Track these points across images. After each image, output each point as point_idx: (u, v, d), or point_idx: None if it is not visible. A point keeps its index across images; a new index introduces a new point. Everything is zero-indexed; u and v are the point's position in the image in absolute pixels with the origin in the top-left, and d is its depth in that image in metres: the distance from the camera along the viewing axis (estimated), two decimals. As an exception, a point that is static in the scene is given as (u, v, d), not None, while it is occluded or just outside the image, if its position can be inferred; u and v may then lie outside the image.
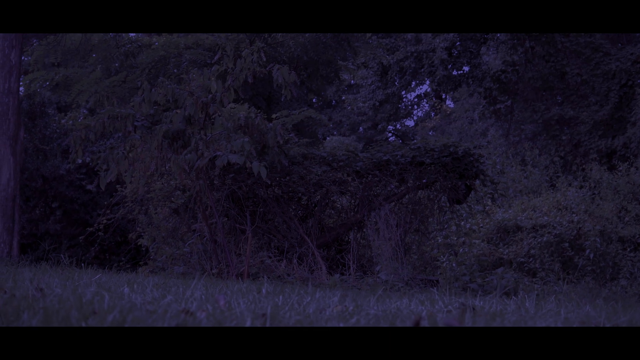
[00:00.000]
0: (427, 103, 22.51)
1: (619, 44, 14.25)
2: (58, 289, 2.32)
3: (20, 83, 8.17)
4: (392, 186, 7.90)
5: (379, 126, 18.68)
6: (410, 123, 22.62)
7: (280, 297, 2.36)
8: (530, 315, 2.06)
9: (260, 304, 2.13)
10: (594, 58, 13.61)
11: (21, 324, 1.33)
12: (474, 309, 2.45)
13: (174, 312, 1.70)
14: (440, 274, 7.84)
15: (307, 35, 8.68)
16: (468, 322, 1.73)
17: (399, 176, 7.91)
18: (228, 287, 3.03)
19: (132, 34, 9.12)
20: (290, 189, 7.62)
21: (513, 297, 3.72)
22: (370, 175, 7.87)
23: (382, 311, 2.15)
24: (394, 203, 7.84)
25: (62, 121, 9.34)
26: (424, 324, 1.56)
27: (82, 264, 6.68)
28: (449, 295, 3.79)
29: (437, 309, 2.36)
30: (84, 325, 1.30)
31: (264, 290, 2.61)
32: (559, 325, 1.75)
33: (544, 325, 1.66)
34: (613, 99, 13.15)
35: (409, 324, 1.53)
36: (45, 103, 9.25)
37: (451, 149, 8.02)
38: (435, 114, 21.99)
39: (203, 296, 2.50)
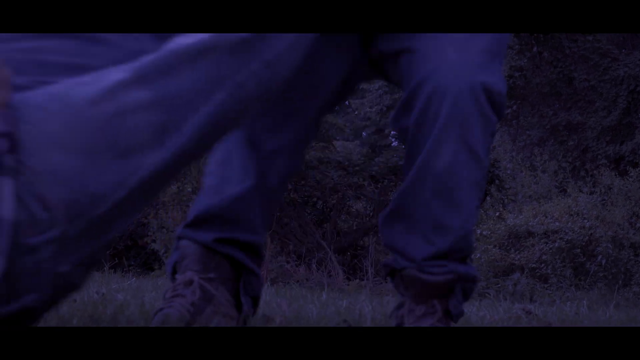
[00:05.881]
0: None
1: (623, 50, 14.25)
2: (119, 294, 2.28)
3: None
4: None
5: (386, 131, 18.64)
6: (413, 128, 22.62)
7: (344, 301, 2.32)
8: (603, 318, 2.03)
9: (327, 310, 2.09)
10: (602, 64, 13.59)
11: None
12: (529, 313, 2.41)
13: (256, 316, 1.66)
14: (451, 279, 7.79)
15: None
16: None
17: (414, 181, 7.87)
18: (278, 293, 2.99)
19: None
20: (305, 193, 7.59)
21: (568, 302, 3.70)
22: (385, 180, 7.83)
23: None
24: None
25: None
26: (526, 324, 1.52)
27: (103, 269, 6.63)
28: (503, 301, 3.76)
29: (501, 316, 2.32)
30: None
31: (324, 296, 2.58)
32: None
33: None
34: (621, 105, 13.12)
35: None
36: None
37: (467, 154, 7.98)
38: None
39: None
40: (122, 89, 1.07)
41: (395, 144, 23.43)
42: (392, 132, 22.71)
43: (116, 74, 1.08)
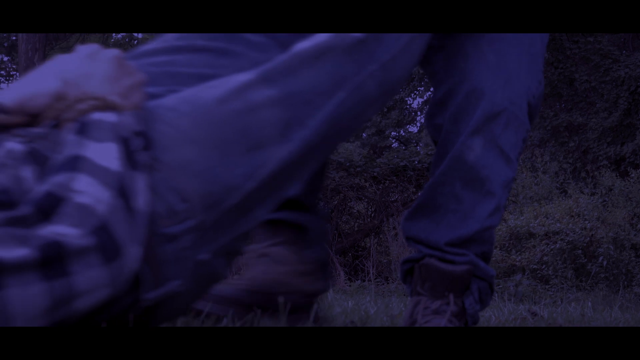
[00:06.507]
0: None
1: (624, 51, 14.25)
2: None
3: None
4: (409, 192, 7.86)
5: (386, 132, 18.64)
6: (413, 129, 22.62)
7: (349, 302, 2.32)
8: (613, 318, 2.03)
9: (333, 311, 2.08)
10: (602, 65, 13.59)
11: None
12: (535, 314, 2.41)
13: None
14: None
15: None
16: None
17: (416, 182, 7.88)
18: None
19: (147, 39, 9.10)
20: (307, 194, 7.57)
21: (572, 304, 3.70)
22: (387, 181, 7.82)
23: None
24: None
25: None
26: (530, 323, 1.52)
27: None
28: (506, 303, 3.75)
29: (506, 317, 2.32)
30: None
31: (329, 297, 2.58)
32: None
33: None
34: (622, 106, 13.13)
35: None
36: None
37: (468, 155, 7.97)
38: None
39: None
40: (249, 88, 1.16)
41: (395, 145, 23.37)
42: (392, 133, 22.64)
43: (242, 76, 1.17)
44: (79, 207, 0.91)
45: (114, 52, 1.13)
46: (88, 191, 0.93)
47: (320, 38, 1.23)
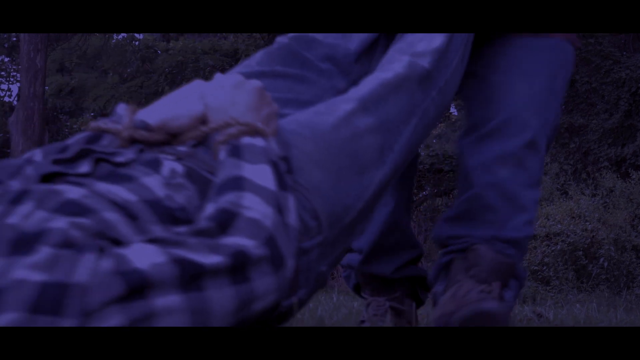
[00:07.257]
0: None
1: (625, 52, 14.25)
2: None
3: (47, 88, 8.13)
4: (411, 193, 7.87)
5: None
6: (414, 130, 22.63)
7: (355, 303, 2.31)
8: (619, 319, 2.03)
9: (339, 312, 2.08)
10: (603, 66, 13.59)
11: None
12: (540, 316, 2.40)
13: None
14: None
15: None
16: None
17: (417, 183, 7.88)
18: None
19: (148, 40, 9.08)
20: (308, 195, 7.57)
21: (577, 305, 3.69)
22: (388, 182, 7.83)
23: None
24: (412, 210, 7.81)
25: (74, 126, 9.31)
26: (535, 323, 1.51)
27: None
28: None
29: (511, 318, 2.31)
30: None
31: (334, 299, 2.58)
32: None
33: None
34: (623, 107, 13.12)
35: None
36: (57, 108, 9.21)
37: (469, 156, 7.97)
38: (441, 122, 21.95)
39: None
40: (353, 116, 1.30)
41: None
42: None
43: (345, 104, 1.32)
44: (250, 221, 1.00)
45: (256, 83, 1.23)
46: (255, 207, 1.03)
47: (397, 69, 1.37)
